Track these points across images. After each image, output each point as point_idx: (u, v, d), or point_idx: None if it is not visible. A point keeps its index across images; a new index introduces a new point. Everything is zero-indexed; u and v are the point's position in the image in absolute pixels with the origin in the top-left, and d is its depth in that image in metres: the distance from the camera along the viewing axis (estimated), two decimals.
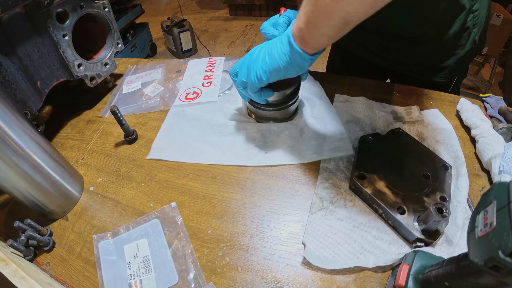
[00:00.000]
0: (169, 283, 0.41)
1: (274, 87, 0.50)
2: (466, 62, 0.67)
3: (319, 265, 0.40)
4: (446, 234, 0.40)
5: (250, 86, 0.48)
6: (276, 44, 0.43)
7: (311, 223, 0.44)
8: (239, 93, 0.54)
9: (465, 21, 0.59)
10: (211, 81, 0.71)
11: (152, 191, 0.52)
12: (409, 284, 0.33)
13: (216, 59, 0.78)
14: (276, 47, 0.43)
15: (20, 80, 0.55)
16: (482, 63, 2.23)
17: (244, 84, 0.49)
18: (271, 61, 0.43)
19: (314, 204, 0.46)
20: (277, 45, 0.43)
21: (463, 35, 0.61)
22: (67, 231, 0.49)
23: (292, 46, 0.40)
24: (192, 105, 0.66)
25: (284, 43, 0.42)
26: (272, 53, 0.43)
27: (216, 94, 0.67)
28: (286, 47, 0.41)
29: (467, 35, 0.61)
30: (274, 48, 0.43)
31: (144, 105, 0.69)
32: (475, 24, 0.60)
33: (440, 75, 0.67)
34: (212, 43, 3.06)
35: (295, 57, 0.41)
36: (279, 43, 0.43)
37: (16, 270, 0.35)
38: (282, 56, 0.42)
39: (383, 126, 0.57)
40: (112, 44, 0.71)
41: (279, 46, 0.43)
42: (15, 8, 0.51)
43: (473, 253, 0.23)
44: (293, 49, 0.40)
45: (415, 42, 0.63)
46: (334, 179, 0.49)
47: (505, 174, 0.44)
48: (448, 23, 0.59)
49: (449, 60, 0.65)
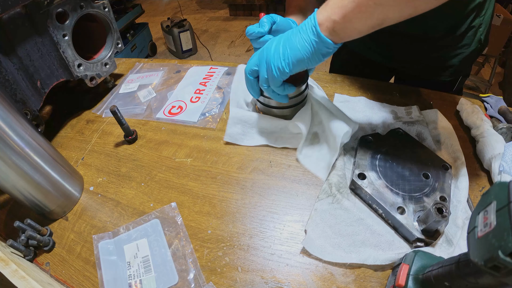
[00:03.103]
0: (169, 283, 0.41)
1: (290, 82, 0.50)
2: (470, 61, 0.67)
3: (317, 255, 0.40)
4: (446, 234, 0.40)
5: (273, 81, 0.47)
6: (296, 35, 0.43)
7: (316, 209, 0.44)
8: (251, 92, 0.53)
9: (473, 20, 0.59)
10: (200, 96, 0.69)
11: (152, 191, 0.52)
12: (409, 284, 0.33)
13: (216, 69, 0.77)
14: (296, 37, 0.43)
15: (20, 80, 0.55)
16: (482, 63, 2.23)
17: (266, 81, 0.47)
18: (294, 51, 0.43)
19: (323, 190, 0.47)
20: (298, 36, 0.43)
21: (468, 35, 0.61)
22: (67, 231, 0.49)
23: (320, 35, 0.41)
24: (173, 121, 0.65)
25: (308, 33, 0.42)
26: (293, 44, 0.43)
27: (197, 114, 0.65)
28: (310, 36, 0.42)
29: (472, 34, 0.61)
30: (294, 39, 0.43)
31: (132, 111, 0.69)
32: (481, 23, 0.61)
33: (445, 74, 0.68)
34: (212, 43, 3.06)
35: (320, 46, 0.41)
36: (300, 33, 0.43)
37: (16, 270, 0.35)
38: (306, 46, 0.42)
39: (383, 126, 0.57)
40: (112, 44, 0.71)
41: (301, 36, 0.42)
42: (15, 8, 0.51)
43: (473, 253, 0.23)
44: (320, 38, 0.41)
45: (421, 41, 0.64)
46: (344, 171, 0.50)
47: (505, 174, 0.44)
48: (458, 22, 0.59)
49: (454, 59, 0.65)
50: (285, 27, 0.54)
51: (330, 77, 0.70)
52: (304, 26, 0.43)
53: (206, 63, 0.81)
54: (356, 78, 0.69)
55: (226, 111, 0.65)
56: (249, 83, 0.51)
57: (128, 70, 0.83)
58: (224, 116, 0.64)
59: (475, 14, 0.59)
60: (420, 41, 0.64)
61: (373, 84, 0.67)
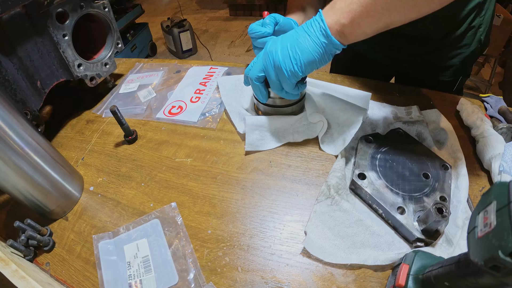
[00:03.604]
0: (169, 283, 0.41)
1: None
2: (471, 61, 0.67)
3: (317, 255, 0.40)
4: (446, 234, 0.40)
5: (286, 84, 0.47)
6: (304, 37, 0.44)
7: (316, 212, 0.44)
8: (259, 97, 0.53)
9: (473, 20, 0.60)
10: (200, 96, 0.69)
11: (152, 191, 0.52)
12: (409, 284, 0.33)
13: (216, 69, 0.76)
14: (306, 40, 0.43)
15: (20, 80, 0.55)
16: (482, 63, 2.23)
17: (278, 85, 0.48)
18: (305, 54, 0.43)
19: (322, 192, 0.47)
20: (307, 38, 0.43)
21: (469, 35, 0.61)
22: (67, 231, 0.49)
23: (330, 38, 0.42)
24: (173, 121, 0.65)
25: (317, 35, 0.43)
26: (303, 47, 0.43)
27: (198, 113, 0.65)
28: (320, 39, 0.43)
29: (472, 34, 0.62)
30: (304, 41, 0.43)
31: (132, 111, 0.69)
32: (481, 24, 0.61)
33: (445, 73, 0.68)
34: (212, 43, 3.06)
35: (329, 48, 0.43)
36: (309, 36, 0.43)
37: (16, 270, 0.35)
38: (316, 48, 0.43)
39: (383, 126, 0.57)
40: (112, 44, 0.71)
41: (311, 39, 0.43)
42: (15, 8, 0.51)
43: (473, 253, 0.23)
44: (330, 40, 0.42)
45: (421, 40, 0.64)
46: (344, 172, 0.50)
47: (505, 174, 0.44)
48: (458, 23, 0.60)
49: (454, 59, 0.65)
50: (287, 27, 0.54)
51: (330, 77, 0.70)
52: (312, 29, 0.43)
53: (206, 63, 0.81)
54: (356, 78, 0.69)
55: (226, 111, 0.65)
56: (256, 89, 0.51)
57: (128, 70, 0.83)
58: (224, 116, 0.64)
59: (475, 14, 0.59)
60: (420, 41, 0.64)
61: (373, 84, 0.67)
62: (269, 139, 0.57)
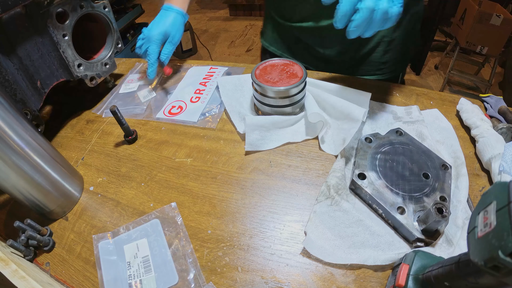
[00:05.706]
0: (169, 283, 0.41)
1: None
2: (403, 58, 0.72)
3: (317, 256, 0.40)
4: (446, 234, 0.40)
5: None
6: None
7: (315, 212, 0.44)
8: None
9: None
10: (200, 96, 0.69)
11: (152, 191, 0.52)
12: (409, 284, 0.33)
13: (216, 69, 0.76)
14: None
15: (20, 80, 0.55)
16: (482, 63, 2.23)
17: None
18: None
19: (322, 192, 0.47)
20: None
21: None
22: (67, 231, 0.49)
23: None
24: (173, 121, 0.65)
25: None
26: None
27: (198, 113, 0.65)
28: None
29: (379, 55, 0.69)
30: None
31: (132, 111, 0.69)
32: (387, 50, 0.68)
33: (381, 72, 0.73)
34: (212, 43, 3.06)
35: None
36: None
37: (16, 270, 0.35)
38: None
39: (383, 126, 0.57)
40: (112, 44, 0.71)
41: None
42: (15, 8, 0.51)
43: (473, 253, 0.23)
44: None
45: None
46: (344, 172, 0.50)
47: (505, 174, 0.44)
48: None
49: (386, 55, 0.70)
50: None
51: (330, 77, 0.70)
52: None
53: (206, 63, 0.81)
54: (356, 78, 0.69)
55: (226, 111, 0.65)
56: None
57: (128, 70, 0.83)
58: (224, 116, 0.64)
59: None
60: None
61: (373, 84, 0.67)
62: (269, 139, 0.57)
